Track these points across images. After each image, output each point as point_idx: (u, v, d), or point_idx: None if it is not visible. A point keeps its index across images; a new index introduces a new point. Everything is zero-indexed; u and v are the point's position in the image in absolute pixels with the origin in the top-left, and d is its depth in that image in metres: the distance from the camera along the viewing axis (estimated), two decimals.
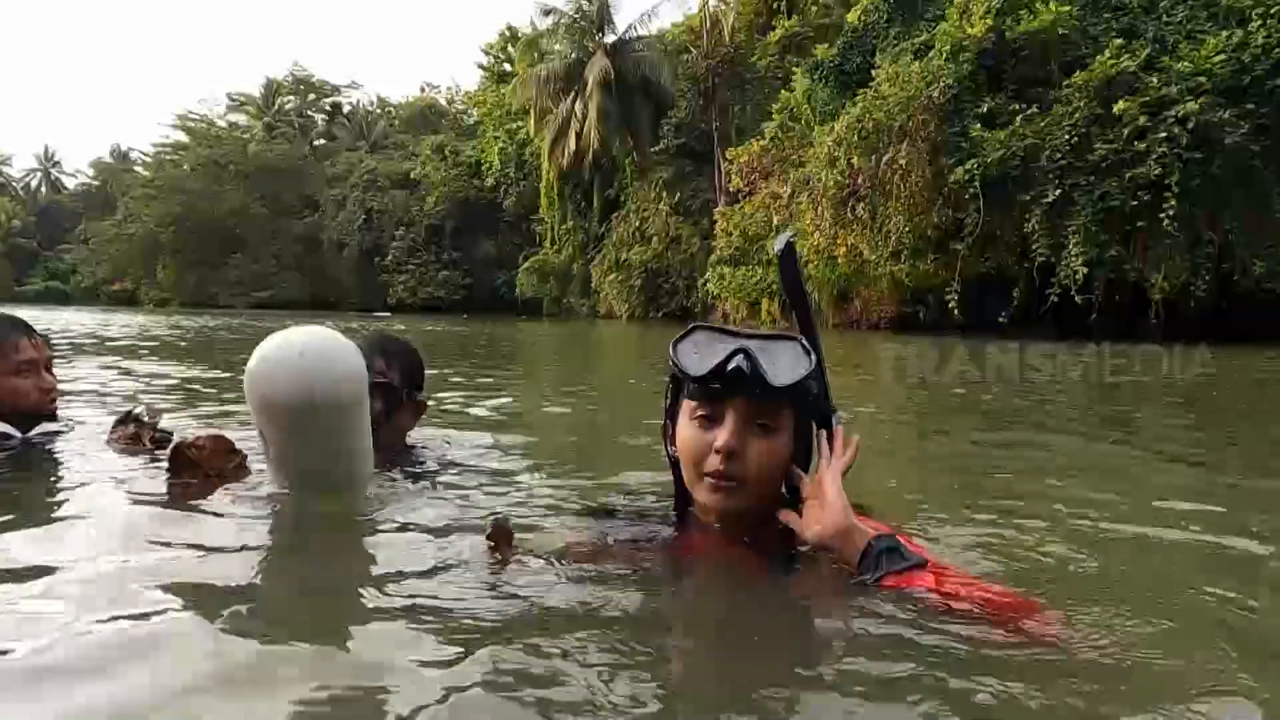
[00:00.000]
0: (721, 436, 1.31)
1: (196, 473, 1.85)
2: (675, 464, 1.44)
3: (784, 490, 1.41)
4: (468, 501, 1.97)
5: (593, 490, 2.15)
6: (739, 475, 1.32)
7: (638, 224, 31.78)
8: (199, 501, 1.80)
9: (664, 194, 31.11)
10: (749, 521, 1.38)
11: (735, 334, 1.38)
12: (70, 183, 79.20)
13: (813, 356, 1.35)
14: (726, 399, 1.32)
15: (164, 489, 1.88)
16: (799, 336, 1.38)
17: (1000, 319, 16.53)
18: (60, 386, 2.55)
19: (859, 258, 18.89)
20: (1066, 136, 15.86)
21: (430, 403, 2.62)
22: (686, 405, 1.38)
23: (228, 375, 5.61)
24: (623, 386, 6.86)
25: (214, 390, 4.82)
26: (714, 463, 1.32)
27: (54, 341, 8.74)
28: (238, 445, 1.96)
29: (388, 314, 37.12)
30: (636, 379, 7.42)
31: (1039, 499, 2.26)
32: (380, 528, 1.72)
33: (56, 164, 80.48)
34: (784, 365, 1.33)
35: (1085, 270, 15.60)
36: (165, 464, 1.90)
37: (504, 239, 42.98)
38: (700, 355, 1.35)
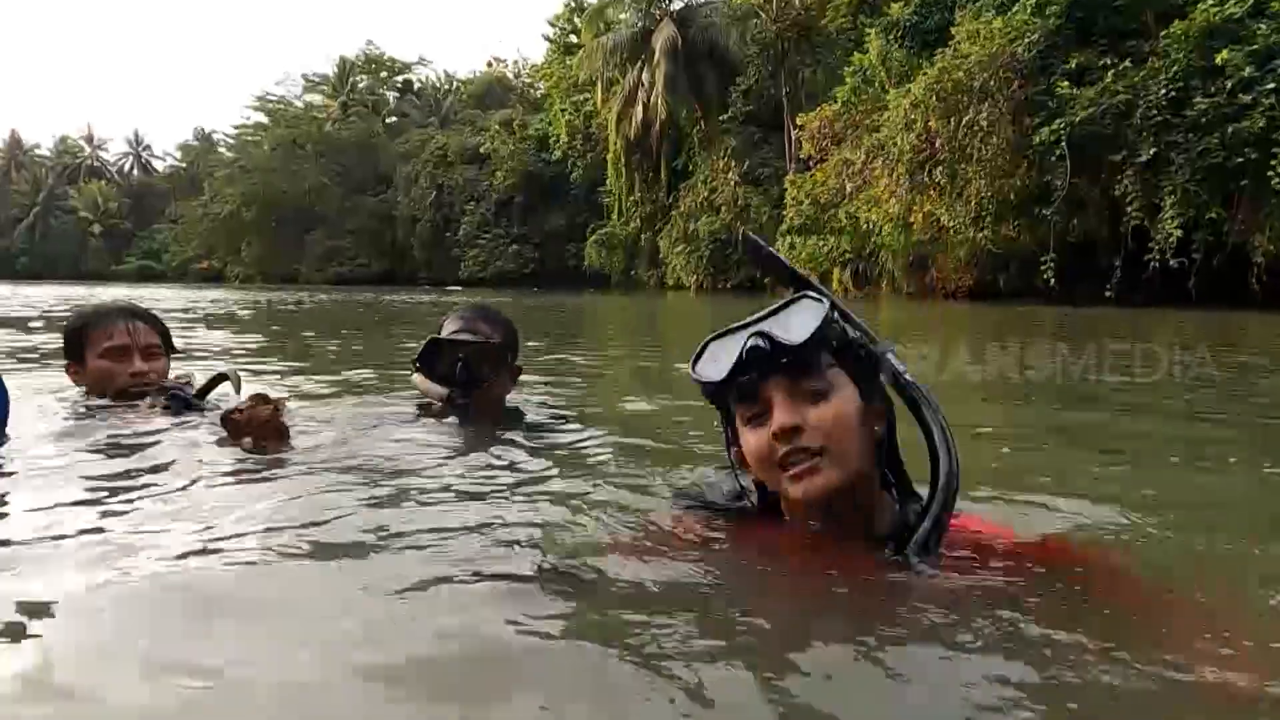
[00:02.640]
0: (774, 420, 1.24)
1: (245, 430, 1.99)
2: (759, 486, 1.37)
3: (884, 471, 1.31)
4: (570, 456, 2.09)
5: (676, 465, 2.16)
6: (811, 447, 1.22)
7: (706, 194, 31.49)
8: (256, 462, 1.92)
9: (732, 162, 30.71)
10: (844, 507, 1.27)
11: (743, 325, 1.32)
12: (159, 165, 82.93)
13: (825, 300, 1.27)
14: (763, 387, 1.26)
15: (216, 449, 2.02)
16: (804, 291, 1.31)
17: (1107, 293, 15.77)
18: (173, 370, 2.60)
19: (936, 224, 18.35)
20: (1163, 91, 15.01)
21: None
22: (739, 417, 1.32)
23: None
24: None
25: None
26: (780, 449, 1.23)
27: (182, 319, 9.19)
28: (275, 398, 2.06)
29: (459, 288, 37.82)
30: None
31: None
32: (485, 486, 1.81)
33: (146, 147, 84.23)
34: (798, 322, 1.26)
35: (1181, 233, 14.82)
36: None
37: (572, 211, 43.22)
38: (717, 360, 1.30)
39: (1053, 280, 16.47)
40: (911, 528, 1.21)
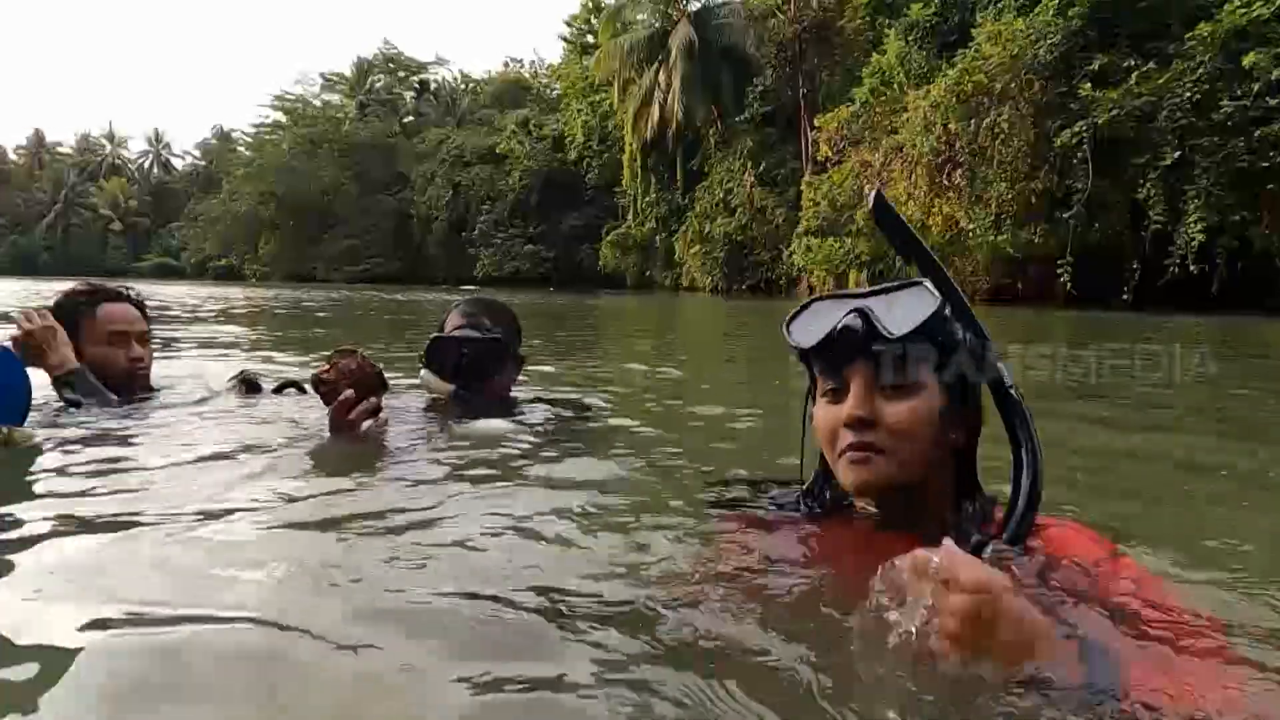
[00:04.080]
0: (847, 406, 1.18)
1: (340, 385, 1.96)
2: (822, 458, 1.31)
3: (955, 474, 1.23)
4: (572, 446, 2.10)
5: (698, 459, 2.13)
6: (874, 444, 1.17)
7: (721, 195, 31.38)
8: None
9: (749, 164, 30.58)
10: (902, 502, 1.21)
11: (854, 295, 1.25)
12: (178, 163, 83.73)
13: (939, 296, 1.18)
14: (847, 366, 1.20)
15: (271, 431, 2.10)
16: (924, 279, 1.21)
17: (1125, 297, 15.56)
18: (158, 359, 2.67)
19: (955, 227, 18.17)
20: (1188, 94, 14.79)
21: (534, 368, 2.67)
22: (819, 385, 1.26)
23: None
24: (717, 357, 6.78)
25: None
26: (846, 437, 1.18)
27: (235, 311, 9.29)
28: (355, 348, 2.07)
29: (474, 287, 37.86)
30: (737, 350, 7.35)
31: None
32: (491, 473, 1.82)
33: (166, 145, 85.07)
34: (903, 312, 1.17)
35: (1204, 238, 14.59)
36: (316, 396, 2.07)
37: (587, 212, 43.22)
38: (811, 326, 1.24)
39: (1070, 285, 16.27)
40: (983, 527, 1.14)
